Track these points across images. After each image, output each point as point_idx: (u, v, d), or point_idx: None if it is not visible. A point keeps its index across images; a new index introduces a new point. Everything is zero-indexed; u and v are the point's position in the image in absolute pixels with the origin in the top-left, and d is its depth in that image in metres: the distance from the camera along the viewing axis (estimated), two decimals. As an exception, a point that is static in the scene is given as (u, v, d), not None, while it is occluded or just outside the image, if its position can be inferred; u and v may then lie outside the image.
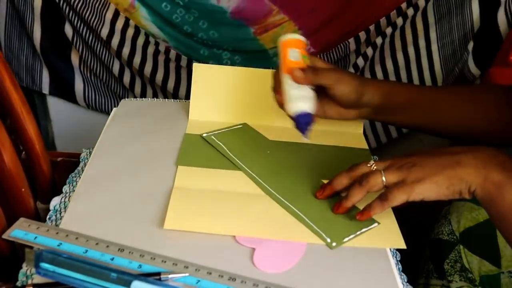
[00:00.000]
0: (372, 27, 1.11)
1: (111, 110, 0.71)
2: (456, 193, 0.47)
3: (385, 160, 0.52)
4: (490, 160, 0.47)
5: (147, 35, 1.12)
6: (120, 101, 0.76)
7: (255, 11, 1.08)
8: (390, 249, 0.50)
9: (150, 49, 1.13)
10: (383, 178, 0.49)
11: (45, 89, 1.25)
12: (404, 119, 0.63)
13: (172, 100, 0.77)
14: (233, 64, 1.17)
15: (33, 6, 1.13)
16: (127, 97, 1.23)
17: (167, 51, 1.13)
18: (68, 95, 1.26)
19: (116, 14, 1.09)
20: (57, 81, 1.24)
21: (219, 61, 1.17)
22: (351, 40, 1.12)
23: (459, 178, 0.47)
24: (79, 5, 1.09)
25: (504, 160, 0.47)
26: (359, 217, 0.51)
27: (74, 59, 1.21)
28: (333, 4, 1.08)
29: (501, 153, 0.49)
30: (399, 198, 0.48)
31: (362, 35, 1.11)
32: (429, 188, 0.47)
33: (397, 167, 0.49)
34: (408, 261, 0.54)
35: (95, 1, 1.09)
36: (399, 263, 0.50)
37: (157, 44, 1.12)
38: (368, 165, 0.52)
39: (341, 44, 1.13)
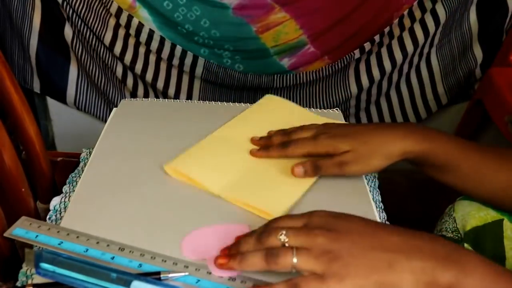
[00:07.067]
0: (377, 37, 1.12)
1: (102, 114, 0.69)
2: None
3: (303, 231, 0.42)
4: (431, 257, 0.41)
5: (151, 32, 1.11)
6: (114, 106, 0.74)
7: (257, 8, 1.08)
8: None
9: (154, 44, 1.12)
10: (294, 260, 0.40)
11: (36, 88, 1.25)
12: (443, 178, 0.60)
13: (172, 100, 0.77)
14: (233, 63, 1.17)
15: (33, 10, 1.13)
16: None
17: (172, 48, 1.13)
18: (59, 97, 1.27)
19: (118, 13, 1.09)
20: (49, 83, 1.24)
21: (219, 60, 1.16)
22: (356, 51, 1.14)
23: (391, 284, 0.40)
24: (80, 6, 1.09)
25: (449, 252, 0.41)
26: None
27: (72, 63, 1.22)
28: (339, 8, 1.09)
29: (446, 242, 0.43)
30: None
31: (367, 45, 1.13)
32: None
33: (315, 255, 0.40)
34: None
35: (97, 3, 1.09)
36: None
37: (162, 40, 1.12)
38: (279, 237, 0.42)
39: (346, 56, 1.15)
